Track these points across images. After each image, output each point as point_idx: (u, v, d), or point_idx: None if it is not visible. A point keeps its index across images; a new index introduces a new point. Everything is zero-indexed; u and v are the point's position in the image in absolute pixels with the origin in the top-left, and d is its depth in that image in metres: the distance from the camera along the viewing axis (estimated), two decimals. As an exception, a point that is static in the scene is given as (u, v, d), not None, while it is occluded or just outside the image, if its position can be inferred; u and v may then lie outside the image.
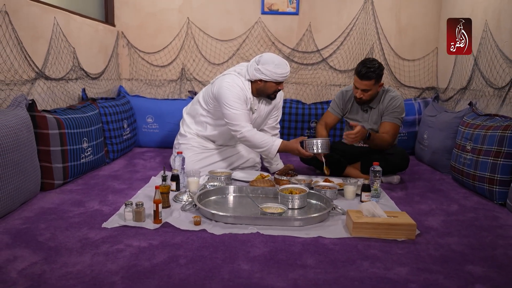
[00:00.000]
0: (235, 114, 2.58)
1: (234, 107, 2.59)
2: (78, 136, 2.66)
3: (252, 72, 2.65)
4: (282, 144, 2.63)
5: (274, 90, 2.71)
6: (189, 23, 3.96)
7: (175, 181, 2.47)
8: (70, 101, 3.05)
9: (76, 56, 3.12)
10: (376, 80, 2.71)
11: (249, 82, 2.71)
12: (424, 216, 2.16)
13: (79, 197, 2.32)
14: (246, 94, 2.67)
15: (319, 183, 2.53)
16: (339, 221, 2.03)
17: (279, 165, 3.05)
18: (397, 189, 2.67)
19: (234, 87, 2.62)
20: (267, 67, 2.60)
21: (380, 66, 2.72)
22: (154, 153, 3.58)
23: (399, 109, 2.80)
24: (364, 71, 2.67)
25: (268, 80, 2.64)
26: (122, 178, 2.75)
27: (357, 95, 2.77)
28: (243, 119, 2.59)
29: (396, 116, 2.79)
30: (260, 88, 2.70)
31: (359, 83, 2.73)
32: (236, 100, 2.59)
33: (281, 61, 2.64)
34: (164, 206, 2.16)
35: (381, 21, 3.89)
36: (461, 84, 3.36)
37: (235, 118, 2.58)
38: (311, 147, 2.55)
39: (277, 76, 2.62)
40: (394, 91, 2.89)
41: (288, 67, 2.66)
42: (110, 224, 1.92)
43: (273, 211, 2.06)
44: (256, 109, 2.79)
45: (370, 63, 2.70)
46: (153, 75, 4.07)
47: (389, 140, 2.75)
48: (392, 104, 2.80)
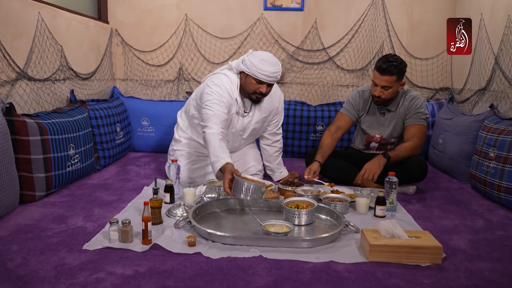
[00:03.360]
0: (208, 114, 2.29)
1: (210, 108, 2.30)
2: (64, 142, 2.42)
3: (239, 62, 2.41)
4: (227, 166, 2.06)
5: (254, 90, 2.37)
6: (187, 20, 3.73)
7: (169, 193, 2.24)
8: (58, 103, 2.82)
9: (64, 55, 2.89)
10: (398, 76, 2.47)
11: (238, 78, 2.44)
12: (448, 234, 1.92)
13: (62, 211, 2.09)
14: (232, 95, 2.39)
15: (328, 194, 2.29)
16: (352, 241, 1.79)
17: (283, 172, 2.81)
18: (414, 201, 2.43)
19: (217, 88, 2.35)
20: (251, 59, 2.32)
21: (403, 62, 2.49)
22: (150, 159, 3.35)
23: (422, 109, 2.57)
24: (386, 65, 2.43)
25: (248, 74, 2.33)
26: (112, 188, 2.52)
27: (376, 93, 2.52)
28: (215, 120, 2.27)
29: (421, 117, 2.57)
30: (242, 83, 2.41)
31: (379, 79, 2.48)
32: (216, 101, 2.32)
33: (269, 59, 2.33)
34: (156, 222, 1.94)
35: (392, 18, 3.65)
36: (480, 85, 3.12)
37: (207, 119, 2.28)
38: (237, 189, 1.92)
39: (257, 71, 2.29)
40: (413, 92, 2.65)
41: (274, 69, 2.31)
42: (93, 245, 1.69)
43: (278, 229, 1.82)
44: (248, 112, 2.54)
45: (392, 57, 2.47)
46: (149, 75, 3.84)
47: (418, 143, 2.53)
48: (414, 104, 2.57)
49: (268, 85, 2.37)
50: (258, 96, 2.40)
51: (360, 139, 2.81)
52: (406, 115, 2.60)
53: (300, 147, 3.54)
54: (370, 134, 2.71)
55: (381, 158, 2.43)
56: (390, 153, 2.46)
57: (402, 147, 2.51)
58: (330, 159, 2.65)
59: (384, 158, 2.43)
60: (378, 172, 2.38)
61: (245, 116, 2.54)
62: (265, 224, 1.84)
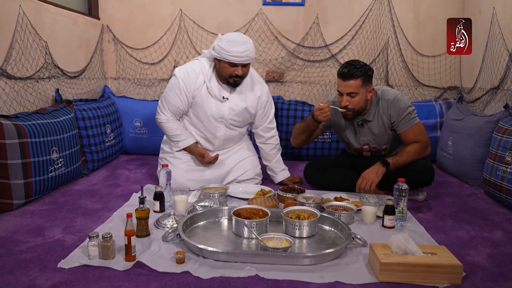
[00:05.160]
0: (165, 98, 2.44)
1: (168, 94, 2.42)
2: (46, 146, 2.24)
3: (210, 49, 2.36)
4: (192, 145, 2.48)
5: (230, 74, 2.31)
6: (182, 15, 3.54)
7: (159, 201, 2.06)
8: (42, 103, 2.64)
9: (49, 52, 2.71)
10: (364, 80, 2.24)
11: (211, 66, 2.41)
12: (465, 248, 1.74)
13: (41, 221, 1.91)
14: (199, 78, 2.37)
15: (331, 202, 2.11)
16: (359, 256, 1.61)
17: (284, 172, 2.64)
18: (424, 208, 2.24)
19: (182, 74, 2.38)
20: (219, 43, 2.27)
21: (367, 65, 2.28)
22: (142, 162, 3.17)
23: (407, 109, 2.31)
24: (347, 69, 2.22)
25: (220, 59, 2.28)
26: (98, 195, 2.34)
27: (343, 103, 2.28)
28: (170, 108, 2.42)
29: (411, 117, 2.32)
30: (217, 69, 2.37)
31: (343, 86, 2.26)
32: (175, 87, 2.38)
33: (237, 39, 2.26)
34: (142, 234, 1.76)
35: (398, 13, 3.46)
36: (492, 83, 2.93)
37: (162, 102, 2.44)
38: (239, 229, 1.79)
39: (227, 55, 2.23)
40: (386, 90, 2.40)
41: (244, 47, 2.23)
42: (69, 262, 1.50)
43: (277, 244, 1.63)
44: (228, 98, 2.42)
45: (354, 62, 2.27)
46: (142, 74, 3.65)
47: (424, 144, 2.32)
48: (396, 108, 2.31)
49: (243, 66, 2.30)
50: (236, 79, 2.34)
51: (350, 150, 2.62)
52: (392, 123, 2.36)
53: (300, 150, 3.36)
54: (357, 147, 2.52)
55: (380, 166, 2.24)
56: (389, 159, 2.25)
57: (404, 152, 2.30)
58: (327, 168, 2.51)
59: (382, 167, 2.23)
60: (376, 182, 2.20)
61: (223, 101, 2.41)
62: (262, 238, 1.65)
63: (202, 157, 2.45)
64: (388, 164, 2.23)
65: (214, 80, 2.40)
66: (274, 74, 3.58)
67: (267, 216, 1.81)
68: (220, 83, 2.41)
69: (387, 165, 2.23)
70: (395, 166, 2.25)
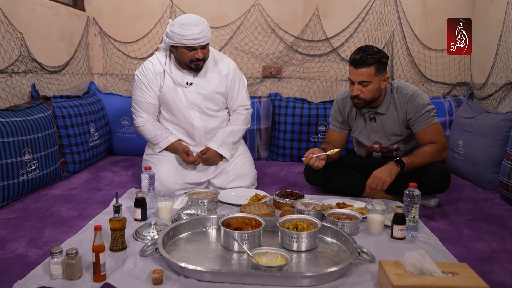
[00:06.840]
0: (134, 100, 2.36)
1: (135, 93, 2.35)
2: (16, 146, 2.02)
3: (163, 37, 2.25)
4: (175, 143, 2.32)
5: (190, 59, 2.20)
6: (173, 6, 3.32)
7: (140, 207, 1.84)
8: (16, 100, 2.41)
9: (25, 44, 2.48)
10: (377, 68, 2.02)
11: (167, 55, 2.32)
12: (487, 264, 1.52)
13: (4, 232, 1.69)
14: (156, 70, 2.29)
15: (333, 210, 1.88)
16: (367, 275, 1.39)
17: (216, 146, 2.34)
18: (436, 216, 2.02)
19: (140, 70, 2.32)
20: (172, 28, 2.16)
21: (381, 51, 2.07)
22: (129, 163, 2.94)
23: (427, 106, 2.11)
24: (359, 56, 2.01)
25: (177, 45, 2.17)
26: (76, 200, 2.12)
27: (354, 92, 2.08)
28: (142, 108, 2.33)
29: (430, 115, 2.11)
30: (176, 57, 2.27)
31: (355, 74, 2.05)
32: (138, 85, 2.32)
33: (189, 21, 2.15)
34: (117, 248, 1.54)
35: (404, 3, 3.24)
36: (507, 78, 2.70)
37: (133, 105, 2.36)
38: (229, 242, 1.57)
39: (182, 39, 2.13)
40: (404, 85, 2.19)
41: (198, 28, 2.12)
42: (26, 283, 1.28)
43: (271, 260, 1.41)
44: (192, 83, 2.30)
45: (367, 47, 2.06)
46: (131, 69, 3.42)
47: (442, 146, 2.11)
48: (415, 104, 2.10)
49: (202, 48, 2.19)
50: (197, 63, 2.24)
51: (360, 150, 2.40)
52: (408, 120, 2.14)
53: (300, 150, 3.13)
54: (367, 146, 2.30)
55: (394, 166, 2.01)
56: (404, 159, 2.03)
57: (421, 153, 2.08)
58: (333, 168, 2.24)
59: (397, 167, 2.00)
60: (388, 182, 1.97)
61: (188, 87, 2.30)
62: (254, 254, 1.43)
63: (187, 154, 2.26)
64: (403, 164, 2.01)
65: (174, 68, 2.30)
66: (271, 69, 3.37)
67: (261, 227, 1.59)
68: (181, 69, 2.31)
69: (402, 165, 2.01)
70: (410, 167, 2.02)
